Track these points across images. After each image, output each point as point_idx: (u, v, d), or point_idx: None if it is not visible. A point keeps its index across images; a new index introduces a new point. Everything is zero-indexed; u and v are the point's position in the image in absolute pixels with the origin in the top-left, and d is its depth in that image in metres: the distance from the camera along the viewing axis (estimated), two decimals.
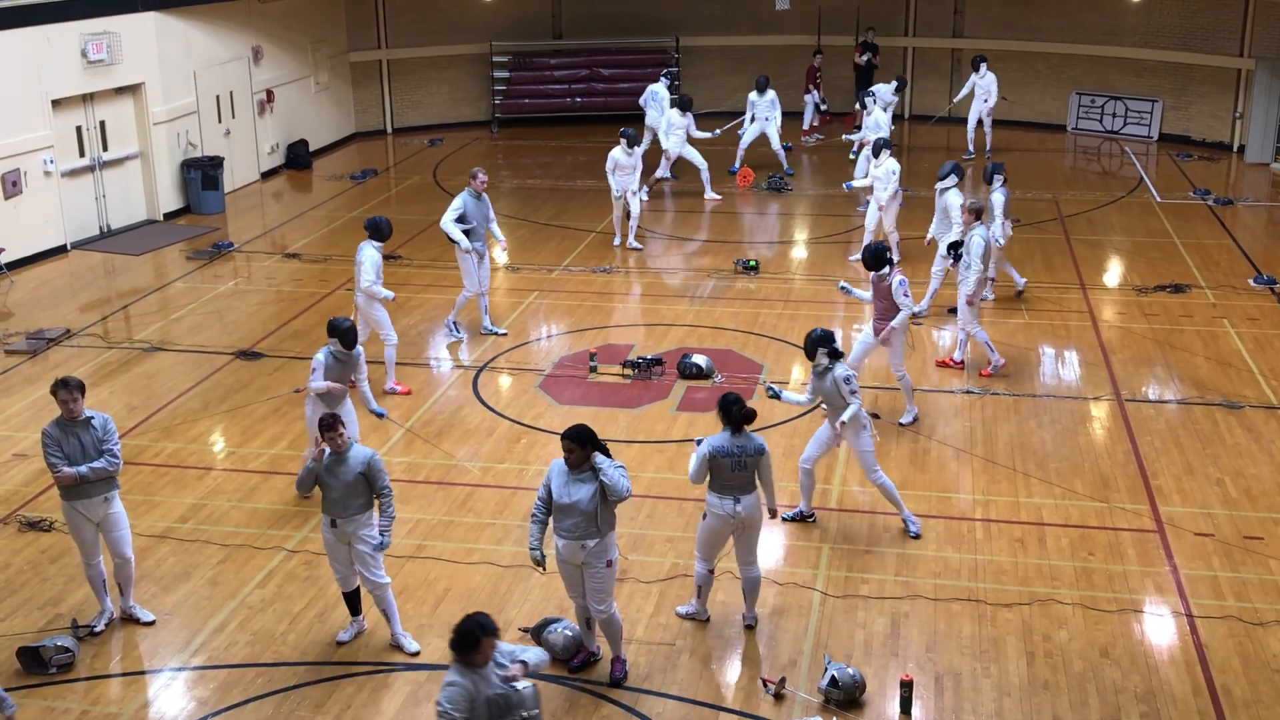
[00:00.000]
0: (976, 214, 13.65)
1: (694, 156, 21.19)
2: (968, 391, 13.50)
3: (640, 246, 18.47)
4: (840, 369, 10.26)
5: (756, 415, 9.10)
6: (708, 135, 21.07)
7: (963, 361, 14.12)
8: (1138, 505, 11.14)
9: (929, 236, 15.63)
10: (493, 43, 27.18)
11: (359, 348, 11.13)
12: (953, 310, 14.49)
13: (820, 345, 10.27)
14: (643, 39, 27.71)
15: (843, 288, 12.98)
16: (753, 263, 17.59)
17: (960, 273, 13.65)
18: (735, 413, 8.93)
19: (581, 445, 8.31)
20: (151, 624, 9.49)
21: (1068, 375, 14.07)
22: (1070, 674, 8.81)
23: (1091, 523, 10.84)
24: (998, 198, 15.38)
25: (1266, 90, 23.01)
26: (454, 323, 15.03)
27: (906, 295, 12.19)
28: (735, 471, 8.92)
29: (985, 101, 23.25)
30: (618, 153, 17.95)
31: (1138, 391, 13.53)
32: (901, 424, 12.63)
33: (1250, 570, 10.09)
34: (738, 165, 22.48)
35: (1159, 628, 9.38)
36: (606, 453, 8.42)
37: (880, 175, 16.99)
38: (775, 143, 22.30)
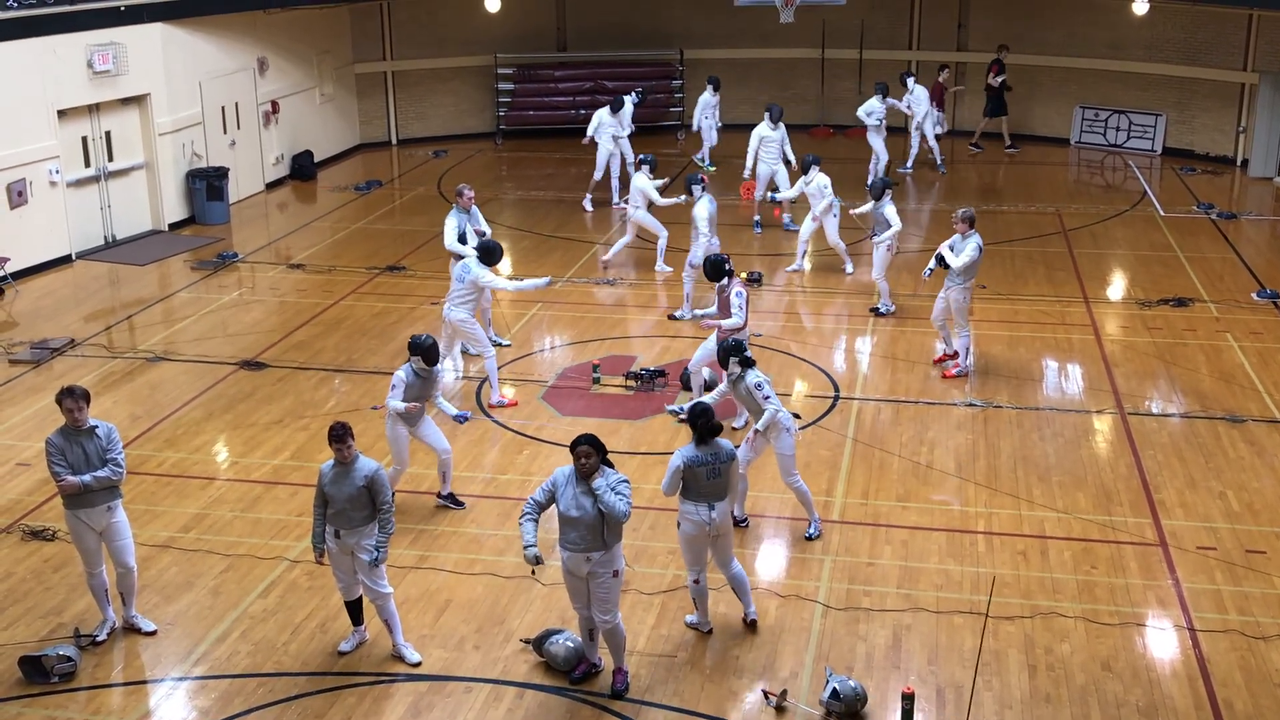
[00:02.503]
0: (970, 222, 13.94)
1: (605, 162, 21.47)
2: (970, 404, 13.50)
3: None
4: (751, 376, 10.46)
5: (723, 428, 9.20)
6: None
7: (956, 354, 14.29)
8: (1140, 519, 11.13)
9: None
10: (497, 54, 27.24)
11: (439, 365, 11.10)
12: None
13: (732, 354, 10.55)
14: (647, 51, 27.77)
15: (699, 317, 13.50)
16: (756, 274, 17.63)
17: (949, 279, 13.97)
18: (702, 424, 9.02)
19: (599, 451, 8.36)
20: (153, 634, 9.50)
21: (1071, 388, 14.07)
22: (1072, 687, 8.80)
23: (1094, 536, 10.84)
24: (889, 211, 15.70)
25: (1270, 104, 23.01)
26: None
27: (740, 309, 12.44)
28: (710, 479, 9.01)
29: (915, 116, 23.28)
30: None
31: (1141, 405, 13.52)
32: (733, 427, 12.63)
33: (1252, 584, 10.07)
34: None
35: (1161, 641, 9.37)
36: (611, 465, 8.46)
37: (813, 191, 17.42)
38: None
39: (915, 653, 9.21)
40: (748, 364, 10.52)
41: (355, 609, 9.26)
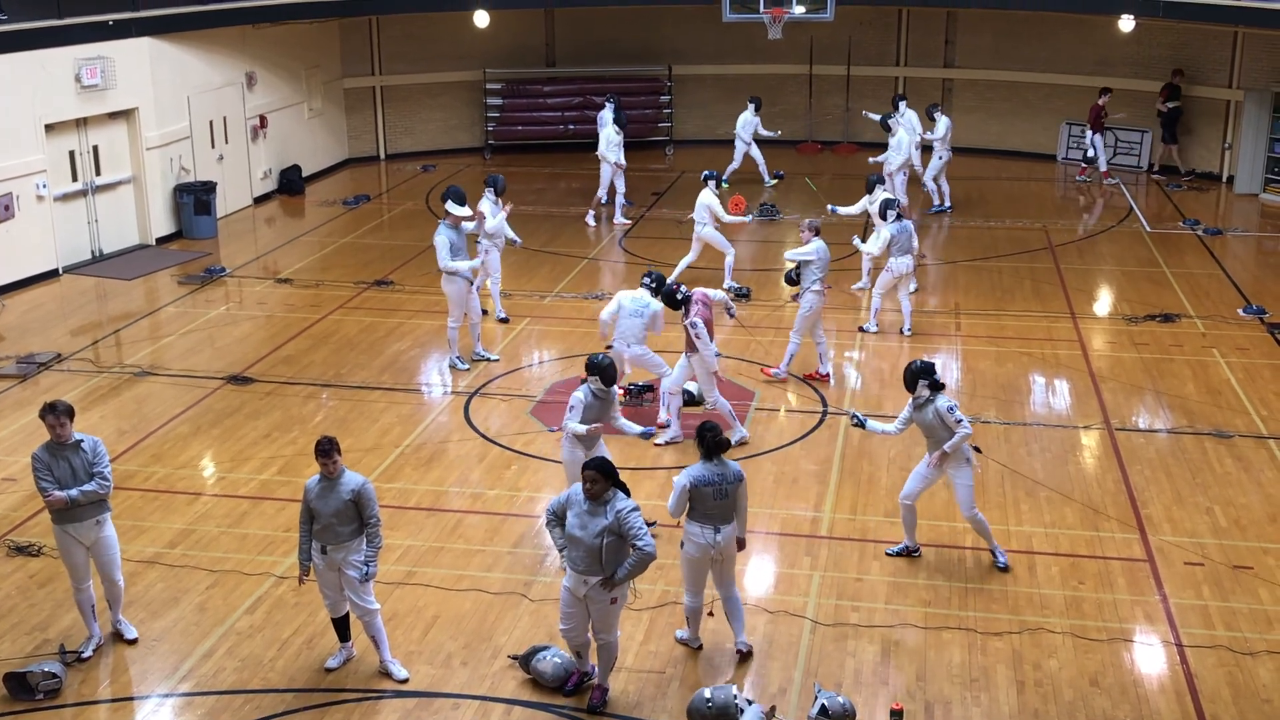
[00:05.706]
0: (815, 231, 14.36)
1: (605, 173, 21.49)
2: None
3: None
4: (942, 400, 10.24)
5: (731, 444, 9.14)
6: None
7: (828, 375, 14.53)
8: (1127, 534, 11.15)
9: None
10: (486, 69, 27.27)
11: (616, 386, 10.84)
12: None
13: (920, 377, 10.30)
14: (636, 67, 27.83)
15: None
16: (744, 289, 17.65)
17: (803, 286, 14.32)
18: (710, 440, 8.97)
19: (606, 477, 8.36)
20: (134, 642, 9.46)
21: (1058, 404, 14.10)
22: (1060, 703, 8.81)
23: (1081, 551, 10.85)
24: (884, 232, 15.75)
25: (1255, 121, 23.14)
26: (457, 358, 15.03)
27: (699, 336, 12.49)
28: (717, 500, 8.94)
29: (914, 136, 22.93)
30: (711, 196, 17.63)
31: (1128, 420, 13.56)
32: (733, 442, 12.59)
33: (1240, 600, 10.09)
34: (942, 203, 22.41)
35: (1149, 657, 9.38)
36: (624, 489, 8.48)
37: (875, 209, 17.31)
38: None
39: (904, 668, 9.21)
40: (937, 387, 10.29)
41: (342, 625, 9.23)
